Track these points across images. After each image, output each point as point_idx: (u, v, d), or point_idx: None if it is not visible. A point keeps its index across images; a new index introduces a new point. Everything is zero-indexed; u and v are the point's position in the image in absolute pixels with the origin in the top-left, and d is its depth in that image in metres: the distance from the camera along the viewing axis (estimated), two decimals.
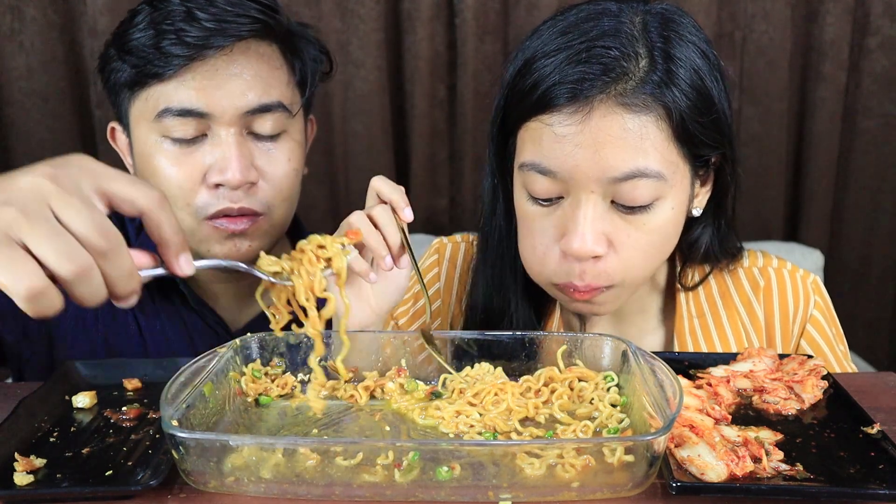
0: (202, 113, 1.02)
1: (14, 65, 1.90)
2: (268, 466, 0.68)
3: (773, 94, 2.10)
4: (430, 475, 0.66)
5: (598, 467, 0.67)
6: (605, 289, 0.94)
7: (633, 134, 0.86)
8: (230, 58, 1.03)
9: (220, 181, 1.03)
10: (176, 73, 1.01)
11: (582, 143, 0.87)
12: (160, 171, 1.05)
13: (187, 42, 1.00)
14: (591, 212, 0.89)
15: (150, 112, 1.03)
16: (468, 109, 2.04)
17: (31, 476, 0.70)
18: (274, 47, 1.08)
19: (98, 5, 1.87)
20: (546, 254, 0.94)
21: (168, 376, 0.75)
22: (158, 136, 1.04)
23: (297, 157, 1.11)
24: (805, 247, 2.08)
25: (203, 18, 1.01)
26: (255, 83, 1.04)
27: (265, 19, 1.06)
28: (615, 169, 0.87)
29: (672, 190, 0.91)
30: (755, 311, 1.10)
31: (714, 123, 0.92)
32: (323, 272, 0.83)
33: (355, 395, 0.87)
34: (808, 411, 0.83)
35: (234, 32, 1.03)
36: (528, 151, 0.92)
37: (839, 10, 2.05)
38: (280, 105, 1.06)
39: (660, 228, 0.92)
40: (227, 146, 1.03)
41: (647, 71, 0.87)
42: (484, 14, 2.00)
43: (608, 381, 0.87)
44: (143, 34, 1.03)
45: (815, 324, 1.10)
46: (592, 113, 0.86)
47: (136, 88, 1.04)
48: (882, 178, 2.19)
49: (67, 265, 0.60)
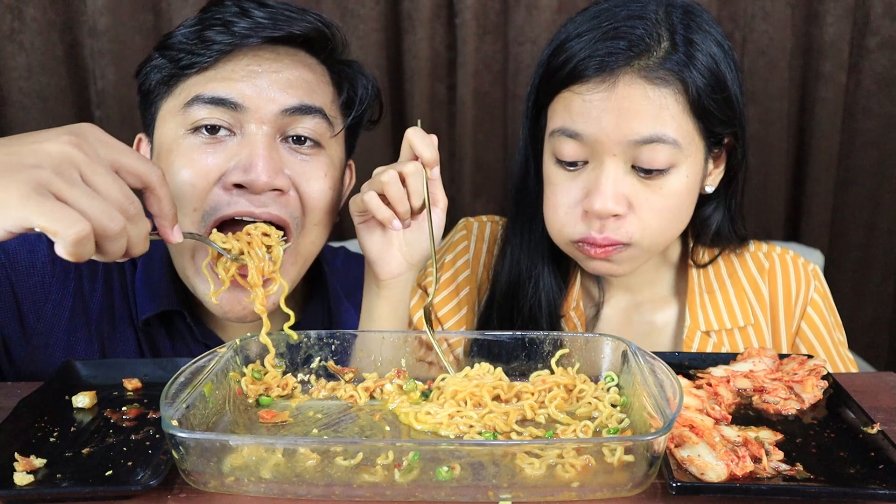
0: (234, 104, 0.93)
1: (14, 65, 1.90)
2: (268, 466, 0.68)
3: (773, 94, 2.09)
4: (430, 475, 0.66)
5: (598, 467, 0.67)
6: (623, 247, 1.01)
7: (653, 103, 0.97)
8: (276, 58, 0.96)
9: (241, 181, 0.92)
10: (215, 63, 0.94)
11: (607, 108, 0.97)
12: (174, 167, 0.94)
13: (233, 31, 0.94)
14: (612, 174, 0.99)
15: (180, 104, 0.95)
16: (468, 109, 2.04)
17: (31, 476, 0.70)
18: (323, 68, 1.03)
19: (98, 5, 1.86)
20: (568, 213, 1.03)
21: (168, 376, 0.75)
22: (182, 129, 0.95)
23: (333, 177, 1.02)
24: (805, 247, 2.07)
25: (256, 16, 0.96)
26: (298, 85, 0.97)
27: (321, 28, 1.00)
28: (636, 133, 0.97)
29: (687, 160, 1.00)
30: (761, 290, 1.18)
31: (726, 102, 1.01)
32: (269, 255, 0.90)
33: (354, 396, 0.87)
34: (808, 411, 0.83)
35: (286, 28, 0.97)
36: (559, 118, 1.02)
37: (839, 10, 2.05)
38: (322, 112, 0.98)
39: (675, 194, 1.01)
40: (255, 145, 0.93)
41: (668, 50, 0.98)
42: (484, 14, 1.99)
43: (608, 381, 0.87)
44: (189, 29, 0.98)
45: (815, 307, 1.18)
46: (617, 83, 0.97)
47: (172, 83, 0.97)
48: (882, 178, 2.18)
49: (110, 224, 0.67)
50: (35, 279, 1.07)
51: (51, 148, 0.66)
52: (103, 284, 1.10)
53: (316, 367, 0.91)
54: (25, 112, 1.93)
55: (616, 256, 1.03)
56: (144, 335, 1.10)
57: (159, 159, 0.99)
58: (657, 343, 1.17)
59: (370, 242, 1.02)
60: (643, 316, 1.19)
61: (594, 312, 1.18)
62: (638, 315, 1.19)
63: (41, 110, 1.92)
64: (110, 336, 1.10)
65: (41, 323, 1.08)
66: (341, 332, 0.92)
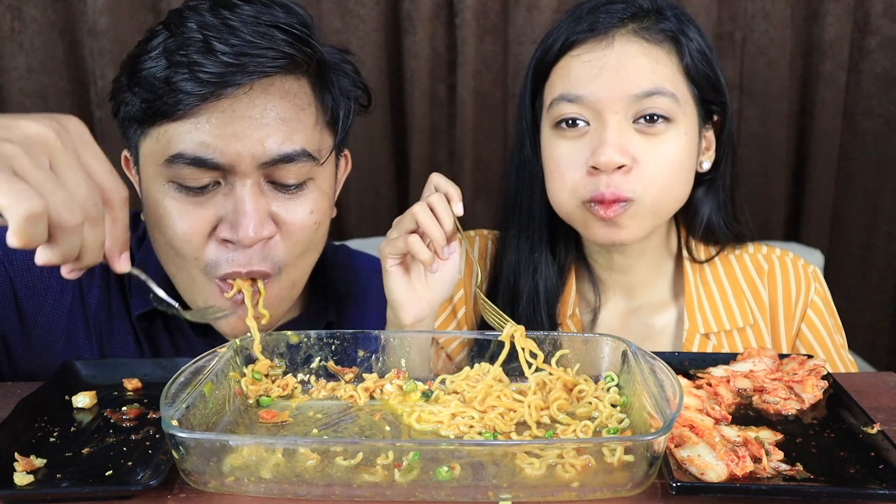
0: (216, 164, 0.91)
1: (14, 65, 1.90)
2: (268, 466, 0.68)
3: (773, 94, 2.09)
4: (431, 475, 0.66)
5: (598, 467, 0.67)
6: (628, 203, 1.02)
7: (650, 59, 1.02)
8: (250, 98, 0.92)
9: (230, 238, 0.93)
10: (188, 112, 0.91)
11: (606, 65, 1.02)
12: (166, 220, 0.95)
13: (201, 79, 0.89)
14: (616, 128, 1.02)
15: (160, 154, 0.94)
16: (468, 109, 2.04)
17: (31, 476, 0.70)
18: (302, 81, 0.97)
19: (98, 5, 1.86)
20: (574, 176, 1.05)
21: (168, 376, 0.75)
22: (167, 182, 0.94)
23: (321, 209, 1.00)
24: (805, 247, 2.07)
25: (221, 52, 0.89)
26: (276, 128, 0.93)
27: (294, 53, 0.93)
28: (636, 86, 1.01)
29: (685, 119, 1.05)
30: (760, 291, 1.18)
31: (715, 78, 1.08)
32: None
33: (354, 396, 0.87)
34: (808, 411, 0.83)
35: (256, 69, 0.91)
36: (558, 87, 1.06)
37: (839, 10, 2.05)
38: (304, 153, 0.95)
39: (676, 150, 1.04)
40: (240, 200, 0.92)
41: (661, 17, 1.05)
42: (484, 14, 1.99)
43: (608, 381, 0.87)
44: (156, 64, 0.92)
45: (816, 309, 1.17)
46: (614, 42, 1.03)
47: (146, 125, 0.95)
48: (882, 178, 2.18)
49: (67, 214, 0.63)
50: (34, 274, 1.07)
51: (28, 127, 0.64)
52: (100, 279, 1.10)
53: (316, 367, 0.91)
54: (25, 112, 1.92)
55: (622, 220, 1.03)
56: (142, 330, 1.10)
57: (147, 204, 0.98)
58: (656, 346, 1.16)
59: (397, 286, 1.00)
60: (641, 319, 1.18)
61: (591, 318, 1.18)
62: (636, 319, 1.19)
63: (41, 110, 1.92)
64: (108, 331, 1.10)
65: (41, 318, 1.08)
66: (341, 332, 0.92)
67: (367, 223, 2.12)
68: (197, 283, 0.97)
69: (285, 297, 1.01)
